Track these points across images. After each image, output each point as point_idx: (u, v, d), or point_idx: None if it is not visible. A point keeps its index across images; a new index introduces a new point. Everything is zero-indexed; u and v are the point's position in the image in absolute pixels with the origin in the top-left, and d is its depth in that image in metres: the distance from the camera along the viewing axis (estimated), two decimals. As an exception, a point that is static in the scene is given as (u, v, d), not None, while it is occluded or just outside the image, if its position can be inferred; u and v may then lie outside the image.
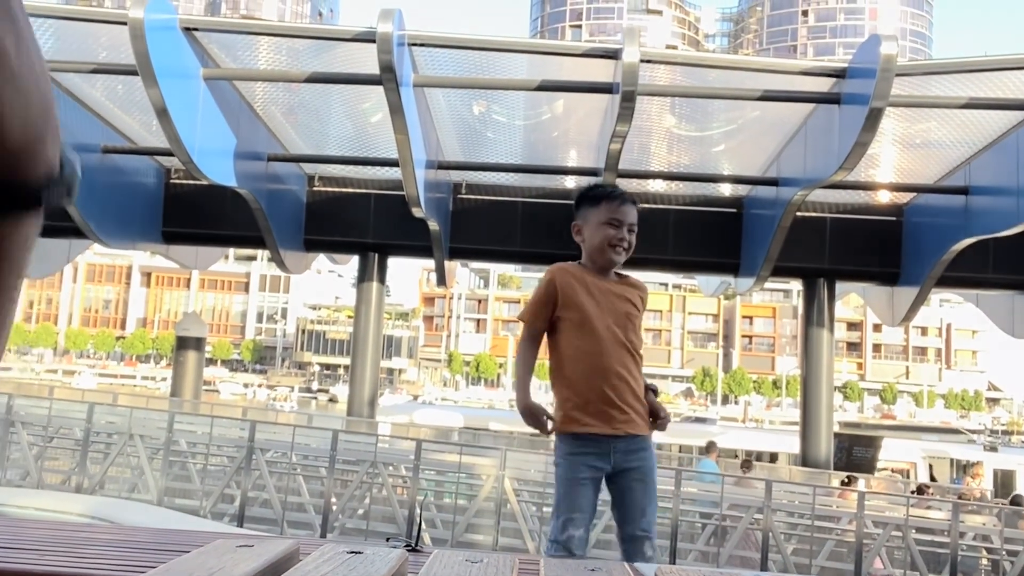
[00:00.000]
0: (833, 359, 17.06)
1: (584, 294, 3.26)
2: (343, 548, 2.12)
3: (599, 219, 3.29)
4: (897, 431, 57.54)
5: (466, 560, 2.03)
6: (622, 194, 3.35)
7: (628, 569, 2.30)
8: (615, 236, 3.27)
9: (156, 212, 16.18)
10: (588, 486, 3.22)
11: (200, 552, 2.00)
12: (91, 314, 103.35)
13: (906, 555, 11.55)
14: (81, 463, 13.12)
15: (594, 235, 3.30)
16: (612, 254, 3.30)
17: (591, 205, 3.33)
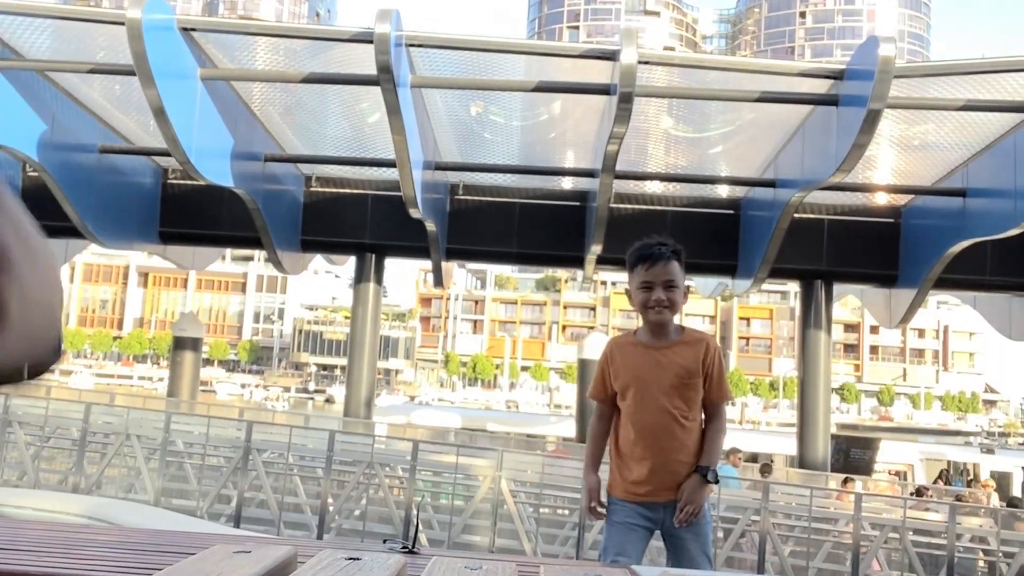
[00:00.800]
0: (830, 361, 17.07)
1: (627, 365, 3.38)
2: (341, 554, 2.12)
3: (635, 284, 3.38)
4: (894, 433, 57.61)
5: (465, 567, 2.02)
6: (656, 253, 3.34)
7: (629, 571, 2.30)
8: (648, 299, 3.33)
9: (153, 212, 16.16)
10: (636, 533, 3.35)
11: (197, 559, 2.00)
12: (88, 314, 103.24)
13: (903, 557, 11.55)
14: (78, 463, 13.09)
15: (634, 300, 3.40)
16: (651, 316, 3.36)
17: (631, 270, 3.41)
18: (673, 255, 3.34)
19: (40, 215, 3.66)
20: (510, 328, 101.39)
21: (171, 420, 13.09)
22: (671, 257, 3.33)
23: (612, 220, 14.13)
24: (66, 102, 13.54)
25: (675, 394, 3.32)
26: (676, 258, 3.35)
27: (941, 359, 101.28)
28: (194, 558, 1.88)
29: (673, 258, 3.34)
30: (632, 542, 3.29)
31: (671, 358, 3.34)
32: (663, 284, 3.31)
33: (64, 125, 13.44)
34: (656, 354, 3.34)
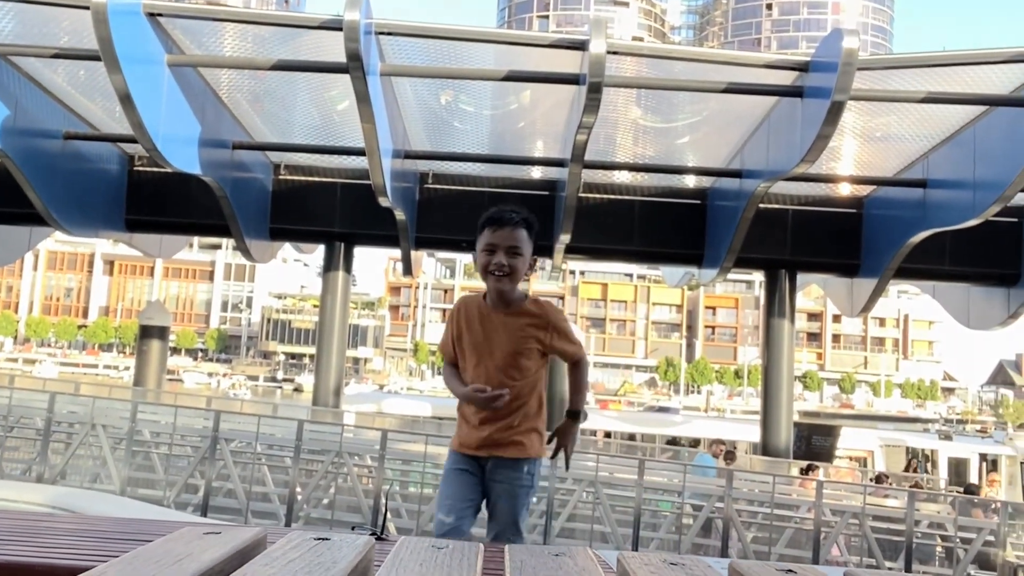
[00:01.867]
0: (794, 349, 17.29)
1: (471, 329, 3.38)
2: (310, 535, 2.16)
3: (480, 246, 3.30)
4: (855, 420, 58.36)
5: (432, 546, 2.08)
6: (504, 218, 3.27)
7: (591, 554, 2.37)
8: (489, 263, 3.26)
9: (119, 200, 15.99)
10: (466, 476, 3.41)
11: (167, 539, 2.03)
12: (52, 302, 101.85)
13: (863, 542, 11.78)
14: (42, 453, 12.99)
15: (477, 263, 3.32)
16: (491, 281, 3.30)
17: (479, 232, 3.31)
18: (522, 222, 3.30)
19: (3, 202, 3.72)
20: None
21: (137, 409, 13.03)
22: (519, 224, 3.29)
23: (581, 209, 14.21)
24: (29, 87, 13.36)
25: (511, 362, 3.33)
26: (524, 226, 3.31)
27: (901, 347, 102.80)
28: (163, 539, 1.91)
29: (521, 225, 3.29)
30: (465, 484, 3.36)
31: (512, 325, 3.33)
32: (506, 249, 3.25)
33: (27, 111, 13.26)
34: (498, 319, 3.33)
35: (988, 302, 16.81)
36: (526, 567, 1.94)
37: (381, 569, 1.74)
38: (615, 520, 12.00)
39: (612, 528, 11.92)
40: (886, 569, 11.60)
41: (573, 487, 12.28)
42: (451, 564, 1.88)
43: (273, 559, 1.77)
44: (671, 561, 1.87)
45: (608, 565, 2.34)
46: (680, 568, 1.83)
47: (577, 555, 2.16)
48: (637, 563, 1.89)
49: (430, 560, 1.95)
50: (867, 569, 10.83)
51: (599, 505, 12.01)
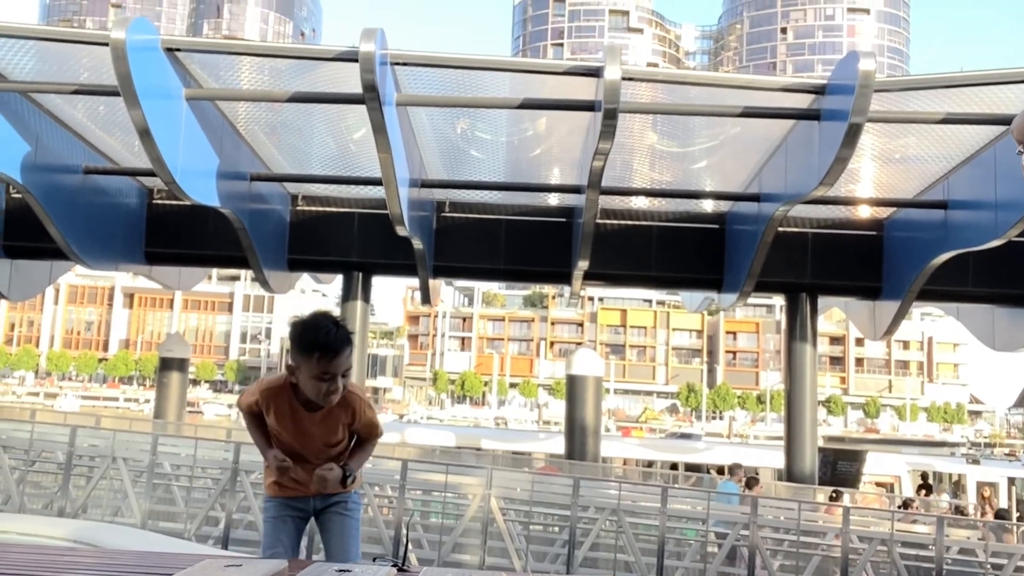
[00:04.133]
0: (816, 374, 17.13)
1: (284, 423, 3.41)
2: (333, 567, 2.12)
3: (311, 372, 3.25)
4: (881, 445, 57.69)
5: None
6: (335, 343, 3.22)
7: None
8: (328, 388, 3.27)
9: (138, 233, 16.10)
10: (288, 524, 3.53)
11: (188, 572, 2.00)
12: (73, 336, 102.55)
13: (892, 570, 11.57)
14: (64, 487, 12.99)
15: (307, 385, 3.30)
16: (326, 402, 3.33)
17: (302, 354, 3.25)
18: (349, 341, 3.30)
19: (24, 237, 3.72)
20: (498, 345, 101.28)
21: (158, 442, 13.02)
22: (348, 343, 3.28)
23: (598, 236, 14.18)
24: (50, 123, 13.50)
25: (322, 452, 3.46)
26: (351, 343, 3.32)
27: (926, 370, 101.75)
28: (184, 573, 1.88)
29: (349, 344, 3.30)
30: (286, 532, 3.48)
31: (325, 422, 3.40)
32: (342, 373, 3.27)
33: (48, 146, 13.40)
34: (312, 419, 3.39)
35: (1014, 323, 16.62)
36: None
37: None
38: (639, 549, 11.86)
39: (636, 557, 11.78)
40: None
41: (595, 516, 12.16)
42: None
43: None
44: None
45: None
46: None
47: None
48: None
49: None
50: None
51: (622, 534, 11.88)
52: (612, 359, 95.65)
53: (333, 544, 3.53)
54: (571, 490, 12.19)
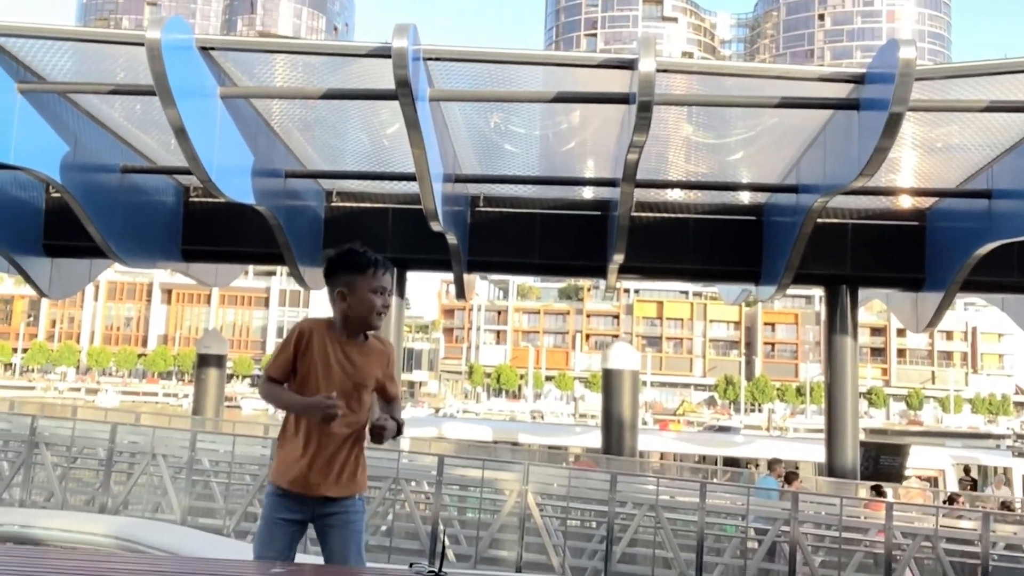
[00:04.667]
0: (857, 367, 16.87)
1: (321, 356, 3.34)
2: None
3: (367, 287, 3.33)
4: (924, 437, 56.87)
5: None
6: (384, 261, 3.40)
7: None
8: (379, 305, 3.33)
9: (175, 230, 16.24)
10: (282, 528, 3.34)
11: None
12: (113, 332, 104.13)
13: (936, 565, 11.37)
14: (105, 483, 13.14)
15: (361, 304, 3.32)
16: (377, 321, 3.36)
17: (356, 272, 3.34)
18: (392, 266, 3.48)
19: (64, 236, 3.70)
20: (533, 338, 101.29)
21: (196, 439, 13.12)
22: (392, 267, 3.46)
23: (634, 229, 14.04)
24: (88, 123, 13.63)
25: (353, 397, 3.35)
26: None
27: (970, 361, 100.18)
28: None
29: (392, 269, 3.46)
30: (279, 537, 3.31)
31: (363, 358, 3.37)
32: (390, 292, 3.39)
33: (86, 146, 13.52)
34: (352, 350, 3.35)
35: (1060, 313, 16.25)
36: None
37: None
38: (677, 545, 11.75)
39: (675, 553, 11.67)
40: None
41: (633, 511, 12.07)
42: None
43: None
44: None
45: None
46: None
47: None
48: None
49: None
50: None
51: (660, 530, 11.77)
52: (648, 351, 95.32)
53: (335, 559, 3.35)
54: (608, 485, 12.11)
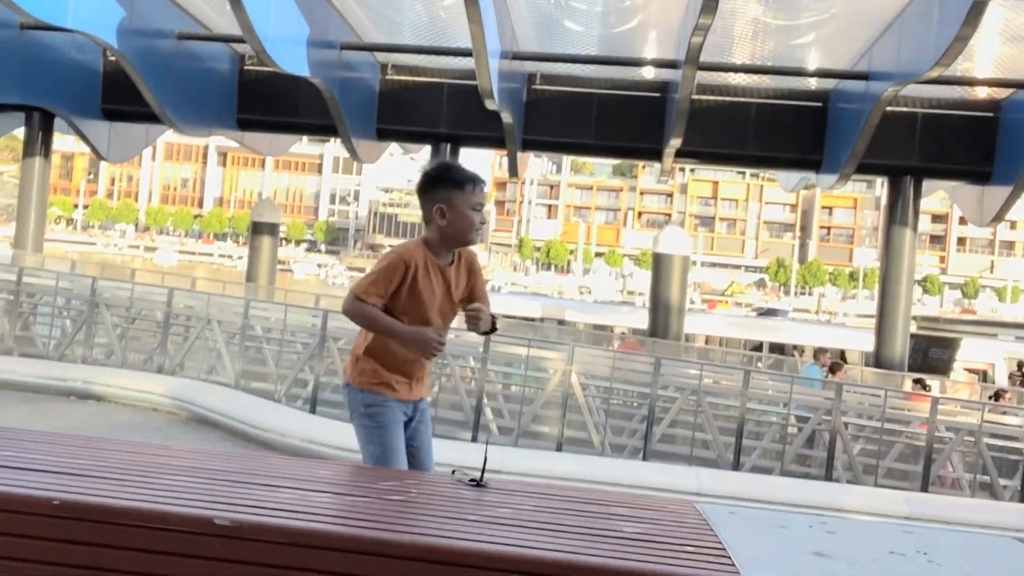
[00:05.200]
0: (915, 260, 16.59)
1: (425, 286, 3.36)
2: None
3: (468, 204, 3.34)
4: (976, 326, 56.12)
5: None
6: (479, 177, 3.44)
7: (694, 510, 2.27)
8: (480, 220, 3.38)
9: (230, 99, 16.21)
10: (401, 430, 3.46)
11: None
12: (170, 192, 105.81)
13: (978, 459, 11.38)
14: (162, 345, 13.56)
15: (460, 220, 3.34)
16: (474, 237, 3.42)
17: (455, 188, 3.34)
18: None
19: (120, 100, 3.72)
20: (585, 214, 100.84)
21: (249, 306, 13.40)
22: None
23: (693, 112, 13.69)
24: (144, -12, 13.49)
25: (449, 316, 3.47)
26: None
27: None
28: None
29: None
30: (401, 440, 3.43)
31: (454, 281, 3.43)
32: (483, 207, 3.46)
33: (142, 12, 13.41)
34: (444, 276, 3.40)
35: None
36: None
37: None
38: (717, 428, 11.88)
39: (714, 436, 11.81)
40: (1001, 487, 11.27)
41: (676, 395, 12.19)
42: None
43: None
44: None
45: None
46: None
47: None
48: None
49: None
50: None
51: (701, 413, 11.90)
52: (701, 231, 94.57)
53: (424, 458, 3.53)
54: (652, 369, 12.20)
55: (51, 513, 2.12)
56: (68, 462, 2.47)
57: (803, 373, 14.39)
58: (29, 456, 2.49)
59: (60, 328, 14.52)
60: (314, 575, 2.07)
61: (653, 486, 8.69)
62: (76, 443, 2.78)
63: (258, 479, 2.49)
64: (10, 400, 11.10)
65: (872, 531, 2.61)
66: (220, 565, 2.08)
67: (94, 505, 2.14)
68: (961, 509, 9.14)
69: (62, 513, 2.12)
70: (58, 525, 2.11)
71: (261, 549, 2.07)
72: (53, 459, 2.50)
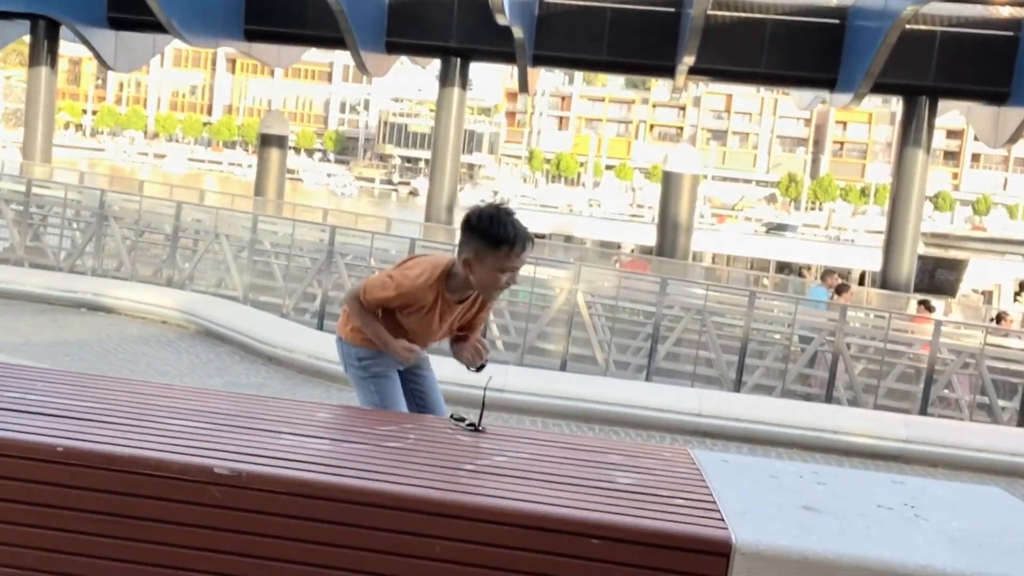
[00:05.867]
0: (926, 180, 16.43)
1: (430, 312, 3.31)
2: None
3: (497, 265, 3.15)
4: (986, 243, 55.68)
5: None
6: (524, 238, 3.16)
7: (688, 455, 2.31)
8: (507, 283, 3.21)
9: (237, 9, 15.95)
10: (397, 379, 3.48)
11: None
12: (179, 99, 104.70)
13: (978, 381, 11.48)
14: (171, 258, 13.60)
15: (487, 278, 3.18)
16: (493, 294, 3.32)
17: (489, 246, 3.13)
18: (532, 239, 3.24)
19: (127, 9, 3.73)
20: (596, 126, 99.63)
21: (257, 221, 13.40)
22: (532, 241, 3.23)
23: (707, 29, 13.42)
24: None
25: (440, 335, 3.43)
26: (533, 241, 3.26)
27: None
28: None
29: (532, 242, 3.24)
30: (399, 389, 3.47)
31: (460, 314, 3.36)
32: (519, 267, 3.23)
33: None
34: (452, 309, 3.33)
35: None
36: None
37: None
38: (720, 347, 11.96)
39: (717, 355, 11.90)
40: (999, 408, 11.39)
41: (681, 314, 12.25)
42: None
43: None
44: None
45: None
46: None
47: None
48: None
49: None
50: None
51: (705, 333, 11.97)
52: (713, 144, 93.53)
53: (434, 399, 3.55)
54: (658, 288, 12.24)
55: (55, 459, 2.18)
56: (72, 404, 2.52)
57: (809, 294, 14.42)
58: (33, 398, 2.54)
59: (70, 239, 14.58)
60: (310, 523, 2.13)
61: (654, 407, 8.78)
62: (80, 382, 2.83)
63: (259, 424, 2.54)
64: (23, 311, 11.20)
65: (862, 482, 2.66)
66: (220, 512, 2.14)
67: (97, 452, 2.19)
68: (957, 433, 9.24)
69: (66, 459, 2.17)
70: (62, 471, 2.17)
71: (259, 498, 2.13)
72: (57, 401, 2.54)
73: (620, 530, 2.07)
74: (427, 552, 2.09)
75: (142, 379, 8.17)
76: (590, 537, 2.07)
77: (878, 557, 2.04)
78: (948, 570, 1.99)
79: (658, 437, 8.26)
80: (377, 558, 2.11)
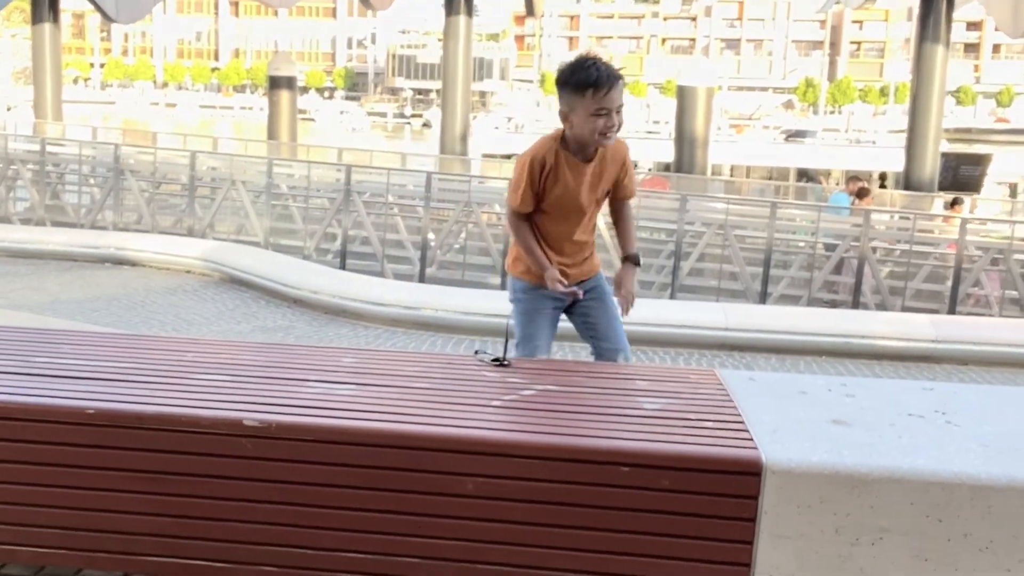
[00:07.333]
0: (947, 74, 16.04)
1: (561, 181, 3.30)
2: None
3: (587, 110, 3.15)
4: (1010, 135, 54.59)
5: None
6: (607, 77, 3.14)
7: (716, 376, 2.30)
8: (605, 126, 3.17)
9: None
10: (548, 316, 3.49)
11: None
12: (185, 46, 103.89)
13: (1007, 276, 11.35)
14: (189, 207, 13.62)
15: (583, 126, 3.18)
16: (603, 142, 3.24)
17: (575, 93, 3.17)
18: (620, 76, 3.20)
19: None
20: (607, 43, 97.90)
21: (273, 165, 13.35)
22: (620, 79, 3.19)
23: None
24: None
25: (593, 208, 3.41)
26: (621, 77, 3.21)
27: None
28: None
29: (620, 78, 3.20)
30: (543, 326, 3.48)
31: (597, 172, 3.34)
32: (617, 110, 3.18)
33: None
34: (587, 170, 3.31)
35: None
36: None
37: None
38: (744, 259, 11.88)
39: (741, 268, 11.83)
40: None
41: (702, 229, 12.16)
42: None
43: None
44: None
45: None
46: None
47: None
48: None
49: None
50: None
51: (728, 247, 11.88)
52: (727, 54, 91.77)
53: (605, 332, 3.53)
54: (678, 205, 12.13)
55: (87, 422, 2.20)
56: (99, 366, 2.54)
57: (830, 201, 14.23)
58: (61, 361, 2.56)
59: (89, 195, 14.63)
60: (341, 468, 2.15)
61: (681, 324, 8.76)
62: (105, 342, 2.85)
63: (285, 373, 2.55)
64: (49, 269, 11.28)
65: (892, 391, 2.64)
66: (250, 463, 2.16)
67: (127, 412, 2.22)
68: (987, 329, 9.15)
69: (97, 421, 2.20)
70: (95, 433, 2.20)
71: (288, 447, 2.15)
72: (84, 363, 2.57)
73: (650, 456, 2.08)
74: (460, 490, 2.11)
75: (172, 329, 8.29)
76: (620, 465, 2.08)
77: (910, 467, 2.03)
78: (983, 476, 1.99)
79: (686, 354, 8.24)
80: (411, 499, 2.13)
